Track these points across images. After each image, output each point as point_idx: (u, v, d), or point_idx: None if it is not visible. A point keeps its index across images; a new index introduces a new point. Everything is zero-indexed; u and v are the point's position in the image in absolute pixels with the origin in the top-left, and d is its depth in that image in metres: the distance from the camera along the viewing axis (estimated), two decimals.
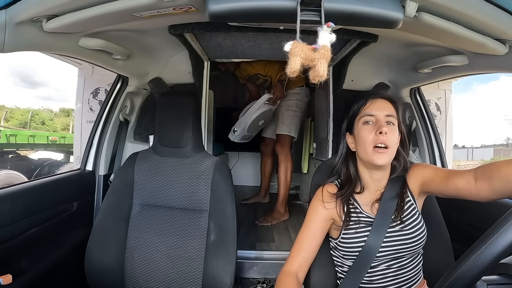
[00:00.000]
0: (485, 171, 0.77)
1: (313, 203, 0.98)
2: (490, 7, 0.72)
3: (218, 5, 0.66)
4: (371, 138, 0.88)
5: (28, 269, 1.05)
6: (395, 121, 0.91)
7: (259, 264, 1.55)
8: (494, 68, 0.99)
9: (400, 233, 0.87)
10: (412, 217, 0.89)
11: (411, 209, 0.91)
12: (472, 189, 0.77)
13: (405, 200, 0.91)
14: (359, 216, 0.92)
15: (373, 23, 0.70)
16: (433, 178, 0.88)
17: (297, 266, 0.92)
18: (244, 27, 1.14)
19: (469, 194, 0.79)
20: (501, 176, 0.72)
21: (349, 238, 0.90)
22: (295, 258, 0.93)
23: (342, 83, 1.66)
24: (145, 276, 1.14)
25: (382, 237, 0.87)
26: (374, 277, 0.89)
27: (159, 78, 1.60)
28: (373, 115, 0.91)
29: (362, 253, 0.88)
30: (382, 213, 0.89)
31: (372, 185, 0.95)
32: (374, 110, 0.91)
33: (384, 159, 0.88)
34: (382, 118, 0.90)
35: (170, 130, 1.24)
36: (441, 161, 1.56)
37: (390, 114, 0.90)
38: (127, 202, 1.21)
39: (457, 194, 0.82)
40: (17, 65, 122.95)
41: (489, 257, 0.46)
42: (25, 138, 6.34)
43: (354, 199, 0.95)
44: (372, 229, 0.88)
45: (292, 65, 0.53)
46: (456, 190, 0.81)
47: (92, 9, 0.77)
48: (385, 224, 0.88)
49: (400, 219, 0.88)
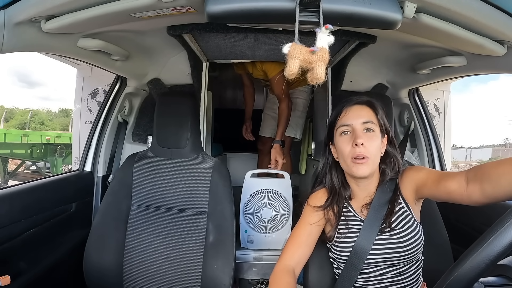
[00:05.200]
0: (476, 173, 0.72)
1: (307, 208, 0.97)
2: (488, 8, 0.72)
3: (217, 6, 0.66)
4: (348, 150, 0.85)
5: (26, 270, 1.05)
6: (375, 127, 0.86)
7: (257, 265, 1.55)
8: (493, 69, 0.99)
9: (390, 241, 0.85)
10: (405, 224, 0.86)
11: (404, 216, 0.87)
12: (464, 192, 0.73)
13: (396, 207, 0.88)
14: (351, 219, 0.91)
15: (371, 24, 0.70)
16: (426, 182, 0.84)
17: (295, 261, 0.90)
18: (242, 28, 1.14)
19: (461, 198, 0.74)
20: (491, 178, 0.68)
21: (341, 241, 0.90)
22: (294, 253, 0.91)
23: (340, 84, 1.66)
24: (144, 277, 1.14)
25: (372, 240, 0.86)
26: (368, 282, 0.88)
27: (158, 79, 1.60)
28: (349, 124, 0.87)
29: (352, 255, 0.87)
30: (372, 217, 0.87)
31: (360, 192, 0.93)
32: (349, 119, 0.87)
33: (363, 170, 0.84)
34: (359, 127, 0.86)
35: (168, 131, 1.24)
36: (440, 161, 1.56)
37: (367, 120, 0.86)
38: (125, 203, 1.21)
39: (449, 198, 0.78)
40: (16, 65, 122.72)
41: (487, 259, 0.46)
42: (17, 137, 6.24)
43: (348, 203, 0.94)
44: (362, 232, 0.87)
45: (291, 67, 0.53)
46: (448, 194, 0.77)
47: (91, 9, 0.77)
48: (375, 228, 0.86)
49: (390, 227, 0.85)
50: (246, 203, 1.55)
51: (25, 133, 7.24)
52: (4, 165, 6.79)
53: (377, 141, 0.86)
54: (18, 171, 7.34)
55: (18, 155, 7.13)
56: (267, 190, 1.54)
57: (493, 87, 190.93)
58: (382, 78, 1.61)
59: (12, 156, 6.98)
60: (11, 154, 6.90)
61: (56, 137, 7.81)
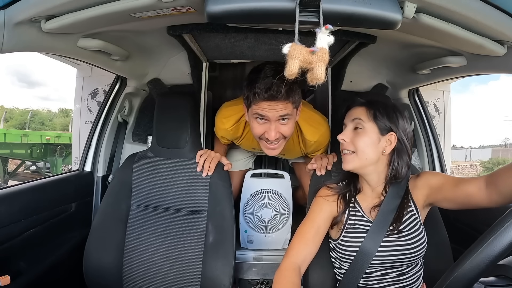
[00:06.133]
0: (492, 177, 0.77)
1: (316, 200, 0.98)
2: (488, 9, 0.72)
3: (217, 6, 0.66)
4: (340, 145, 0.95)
5: (26, 270, 1.05)
6: (365, 124, 0.91)
7: (257, 265, 1.55)
8: (493, 69, 0.99)
9: (397, 243, 0.87)
10: (412, 228, 0.89)
11: (412, 219, 0.90)
12: (484, 195, 0.78)
13: (405, 211, 0.90)
14: (360, 219, 0.92)
15: (371, 24, 0.70)
16: (442, 185, 0.88)
17: (301, 259, 0.90)
18: (242, 28, 1.14)
19: (481, 200, 0.79)
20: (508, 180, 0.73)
21: (347, 241, 0.91)
22: (301, 251, 0.91)
23: (340, 84, 1.66)
24: (144, 277, 1.14)
25: (378, 243, 0.87)
26: (370, 282, 0.89)
27: (158, 79, 1.60)
28: (344, 123, 0.97)
29: (358, 256, 0.88)
30: (380, 220, 0.89)
31: (367, 187, 0.96)
32: (346, 118, 0.97)
33: (348, 165, 0.92)
34: (349, 123, 0.94)
35: (168, 131, 1.24)
36: (440, 161, 1.56)
37: (356, 117, 0.93)
38: (125, 203, 1.21)
39: (466, 201, 0.82)
40: (15, 64, 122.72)
41: (487, 259, 0.46)
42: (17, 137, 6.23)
43: (356, 201, 0.95)
44: (369, 234, 0.88)
45: (291, 67, 0.53)
46: (466, 196, 0.81)
47: (91, 9, 0.77)
48: (382, 231, 0.88)
49: (398, 230, 0.87)
50: (246, 203, 1.55)
51: (25, 133, 7.24)
52: (4, 165, 6.80)
53: (364, 138, 0.90)
54: (18, 171, 7.34)
55: (18, 155, 7.13)
56: (267, 190, 1.54)
57: (493, 87, 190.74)
58: (382, 78, 1.60)
59: (12, 156, 6.99)
60: (11, 154, 6.90)
61: (56, 137, 7.80)
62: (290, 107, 1.08)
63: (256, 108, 1.08)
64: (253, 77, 1.06)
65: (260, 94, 1.03)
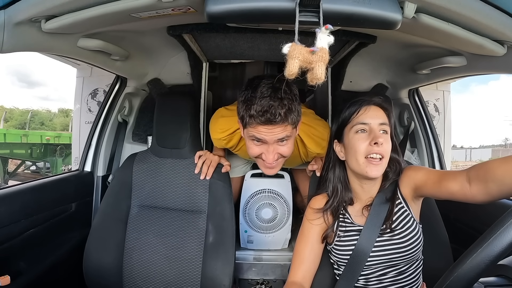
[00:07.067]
0: (478, 173, 0.73)
1: (304, 222, 0.97)
2: (488, 8, 0.72)
3: (217, 6, 0.66)
4: (364, 148, 0.84)
5: (26, 270, 1.05)
6: (388, 129, 0.87)
7: (257, 265, 1.55)
8: (493, 69, 0.99)
9: (390, 242, 0.86)
10: (405, 225, 0.87)
11: (404, 216, 0.88)
12: (467, 193, 0.74)
13: (395, 207, 0.88)
14: (350, 226, 0.91)
15: (371, 24, 0.70)
16: (425, 182, 0.85)
17: (300, 277, 0.90)
18: (242, 28, 1.14)
19: (465, 198, 0.75)
20: (496, 177, 0.69)
21: (341, 245, 0.90)
22: (298, 270, 0.91)
23: (340, 84, 1.66)
24: (144, 277, 1.14)
25: (372, 243, 0.86)
26: (369, 282, 0.89)
27: (158, 79, 1.60)
28: (367, 123, 0.86)
29: (352, 258, 0.88)
30: (372, 219, 0.88)
31: (363, 194, 0.93)
32: (368, 118, 0.86)
33: (378, 171, 0.84)
34: (376, 127, 0.85)
35: (168, 131, 1.24)
36: (440, 161, 1.56)
37: (384, 122, 0.86)
38: (125, 203, 1.21)
39: (451, 198, 0.79)
40: (15, 64, 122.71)
41: (487, 259, 0.46)
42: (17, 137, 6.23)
43: (346, 210, 0.94)
44: (362, 235, 0.87)
45: (290, 67, 0.53)
46: (450, 194, 0.78)
47: (91, 9, 0.77)
48: (375, 230, 0.87)
49: (390, 228, 0.86)
50: (246, 203, 1.55)
51: (25, 133, 7.23)
52: (4, 165, 6.79)
53: (390, 143, 0.86)
54: (18, 171, 7.34)
55: (18, 155, 7.13)
56: (267, 190, 1.54)
57: (493, 87, 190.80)
58: (382, 78, 1.60)
59: (12, 156, 6.98)
60: (11, 154, 6.90)
61: (56, 137, 7.80)
62: (289, 129, 0.98)
63: (252, 130, 0.99)
64: (249, 96, 0.96)
65: (257, 118, 0.94)
